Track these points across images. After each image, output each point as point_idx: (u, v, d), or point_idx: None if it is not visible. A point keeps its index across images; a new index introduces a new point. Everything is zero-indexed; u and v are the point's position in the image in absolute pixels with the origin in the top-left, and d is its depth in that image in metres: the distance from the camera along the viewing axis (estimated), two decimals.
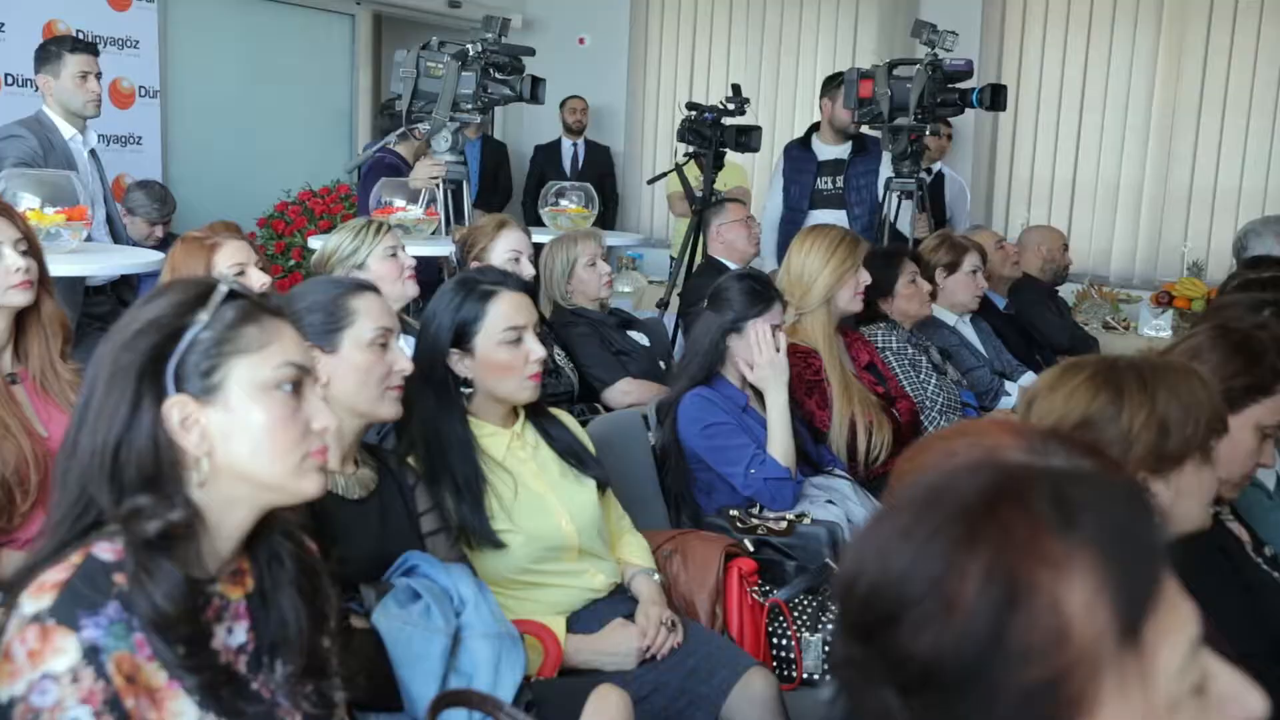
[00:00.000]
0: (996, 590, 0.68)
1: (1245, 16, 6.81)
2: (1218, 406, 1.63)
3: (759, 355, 3.05)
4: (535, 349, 2.37)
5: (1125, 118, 7.16)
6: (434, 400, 2.35)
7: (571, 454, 2.50)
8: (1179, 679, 0.72)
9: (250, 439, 1.32)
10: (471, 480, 2.32)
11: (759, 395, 3.11)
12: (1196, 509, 1.65)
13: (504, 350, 2.36)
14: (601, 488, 2.53)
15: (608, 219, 8.13)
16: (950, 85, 5.08)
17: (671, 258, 5.94)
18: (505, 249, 3.56)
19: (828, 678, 2.02)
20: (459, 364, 2.37)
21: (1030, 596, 0.68)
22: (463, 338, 2.37)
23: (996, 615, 0.68)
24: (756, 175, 7.76)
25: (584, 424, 2.88)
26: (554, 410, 2.61)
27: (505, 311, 2.36)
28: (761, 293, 3.13)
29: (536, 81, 4.81)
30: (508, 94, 4.76)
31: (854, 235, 3.62)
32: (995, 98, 5.06)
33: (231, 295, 1.35)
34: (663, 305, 5.36)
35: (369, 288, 2.17)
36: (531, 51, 4.86)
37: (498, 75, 4.76)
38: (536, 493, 2.39)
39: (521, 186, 8.23)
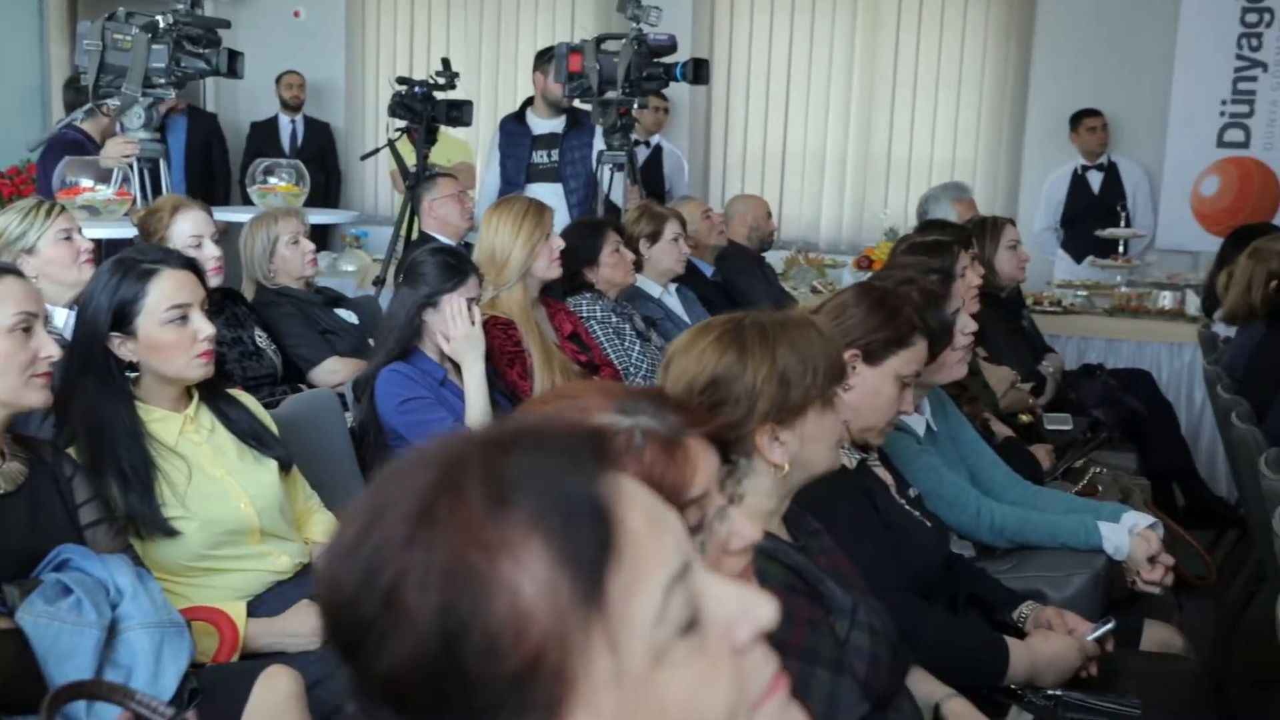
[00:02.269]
0: (445, 590, 0.65)
1: None
2: (835, 356, 1.74)
3: (454, 329, 3.06)
4: (203, 327, 2.30)
5: (828, 92, 7.56)
6: (94, 386, 2.25)
7: (251, 435, 2.45)
8: (658, 624, 0.68)
9: None
10: (139, 467, 2.23)
11: (458, 368, 3.13)
12: (824, 453, 1.76)
13: (169, 330, 2.28)
14: (285, 468, 2.48)
15: (330, 197, 7.95)
16: (655, 59, 5.20)
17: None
18: (185, 232, 3.43)
19: None
20: (121, 347, 2.27)
21: (483, 588, 0.65)
22: (124, 319, 2.27)
23: (450, 616, 0.65)
24: (482, 150, 7.74)
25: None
26: (232, 391, 2.54)
27: (167, 290, 2.28)
28: (455, 266, 3.13)
29: (234, 55, 4.64)
30: (203, 68, 4.58)
31: (538, 203, 3.66)
32: (698, 72, 5.22)
33: None
34: (379, 282, 5.29)
35: (9, 271, 2.05)
36: (227, 24, 4.69)
37: (191, 48, 4.57)
38: (212, 476, 2.33)
39: (240, 165, 7.91)
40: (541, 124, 5.74)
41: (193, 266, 2.36)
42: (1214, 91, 7.00)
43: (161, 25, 4.47)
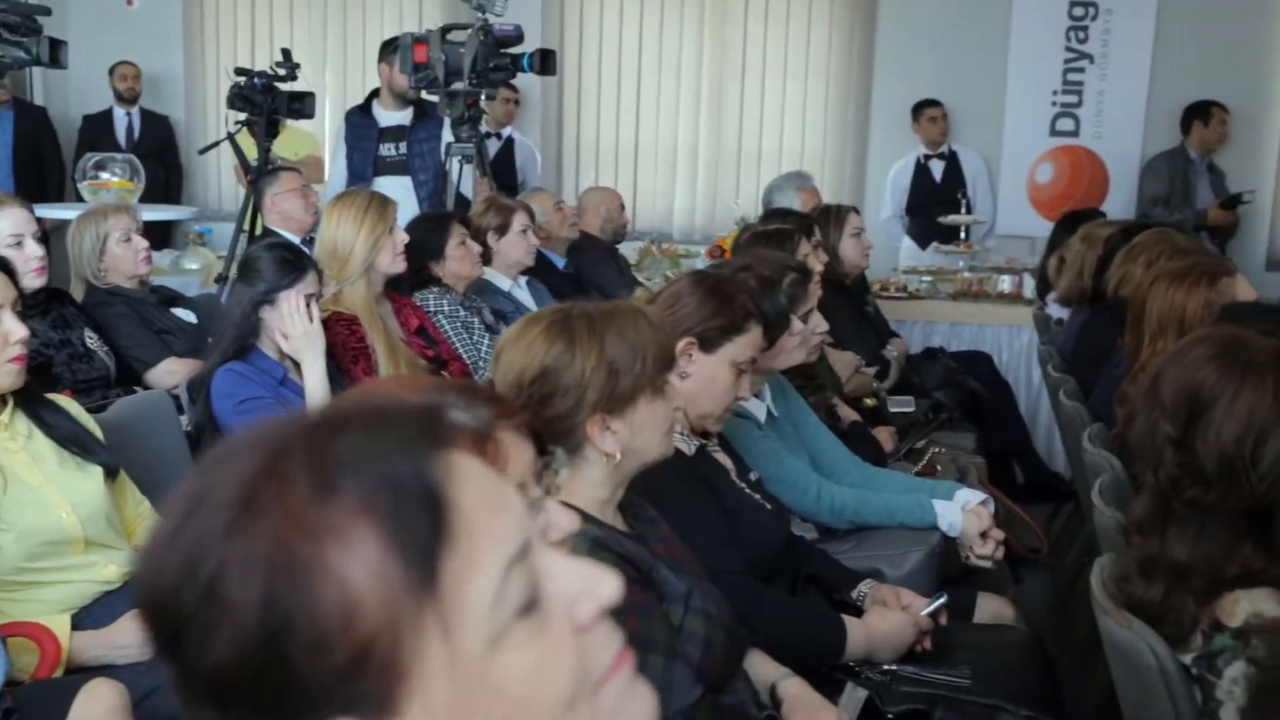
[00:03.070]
0: (268, 581, 0.63)
1: None
2: (664, 344, 1.75)
3: (292, 327, 2.99)
4: (15, 329, 2.19)
5: (679, 82, 7.62)
6: None
7: (72, 441, 2.34)
8: (495, 607, 0.66)
9: None
10: None
11: (299, 366, 3.06)
12: (656, 441, 1.77)
13: None
14: (111, 474, 2.39)
15: (171, 192, 7.69)
16: (502, 50, 5.15)
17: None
18: (4, 231, 3.27)
19: None
20: None
21: (308, 578, 0.63)
22: None
23: (274, 608, 0.62)
24: (329, 143, 7.58)
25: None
26: (52, 396, 2.43)
27: None
28: (293, 262, 3.06)
29: (57, 44, 4.44)
30: (23, 58, 4.38)
31: (381, 197, 3.60)
32: (545, 62, 5.19)
33: None
34: (222, 280, 5.13)
35: None
36: (47, 10, 4.47)
37: (10, 36, 4.35)
38: (30, 485, 2.23)
39: (73, 161, 7.59)
40: (388, 116, 5.65)
41: (3, 266, 2.25)
42: (1045, 82, 7.28)
43: None
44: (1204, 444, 1.67)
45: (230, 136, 5.30)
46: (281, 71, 5.22)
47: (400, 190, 5.39)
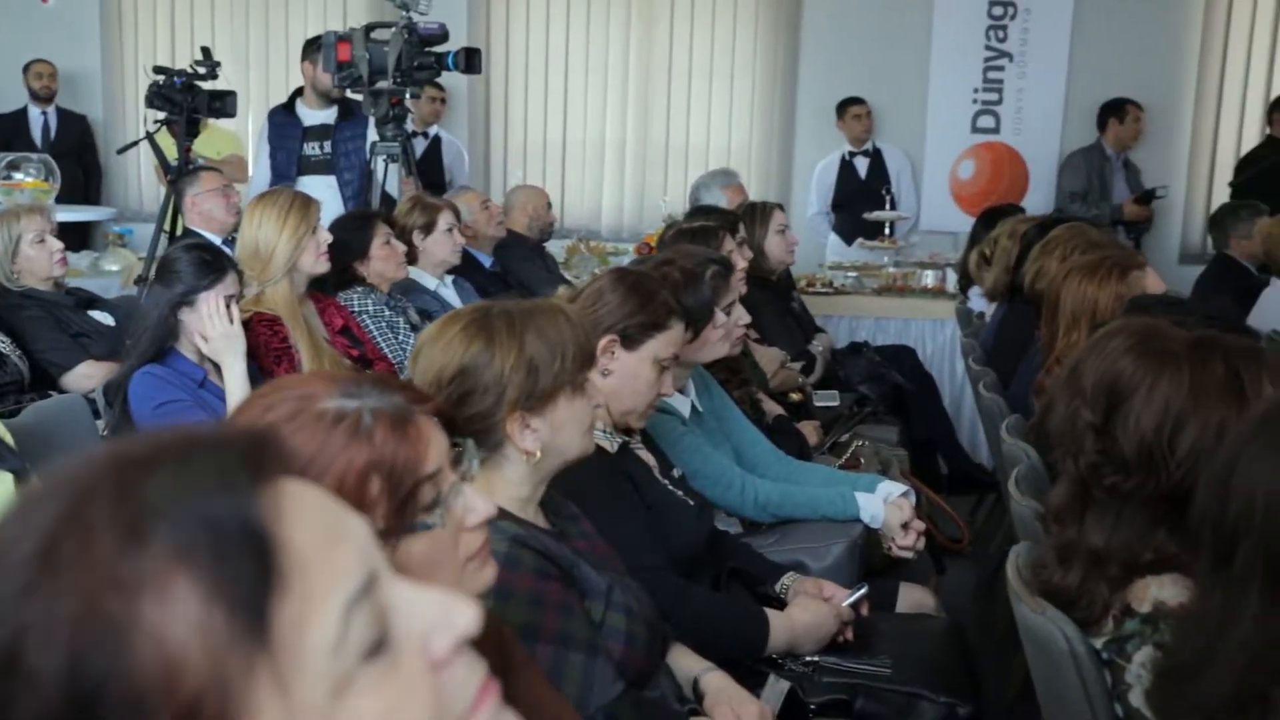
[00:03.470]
0: (74, 645, 0.56)
1: None
2: (584, 342, 1.76)
3: (211, 328, 2.95)
4: None
5: (606, 81, 7.64)
6: None
7: None
8: (337, 653, 0.61)
9: None
10: None
11: (220, 368, 3.02)
12: (576, 438, 1.77)
13: None
14: (22, 480, 2.34)
15: (90, 193, 7.54)
16: (427, 49, 5.13)
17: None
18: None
19: None
20: None
21: (120, 638, 0.56)
22: None
23: (82, 675, 0.56)
24: (252, 143, 7.48)
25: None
26: None
27: None
28: (212, 263, 3.02)
29: None
30: None
31: (304, 196, 3.57)
32: (470, 61, 5.17)
33: None
34: (142, 281, 5.04)
35: None
36: None
37: None
38: None
39: None
40: (312, 115, 5.59)
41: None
42: (966, 80, 7.40)
43: None
44: (1124, 432, 1.71)
45: (149, 136, 5.21)
46: (202, 70, 5.15)
47: (325, 190, 5.34)
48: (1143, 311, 2.26)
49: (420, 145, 6.45)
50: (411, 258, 4.20)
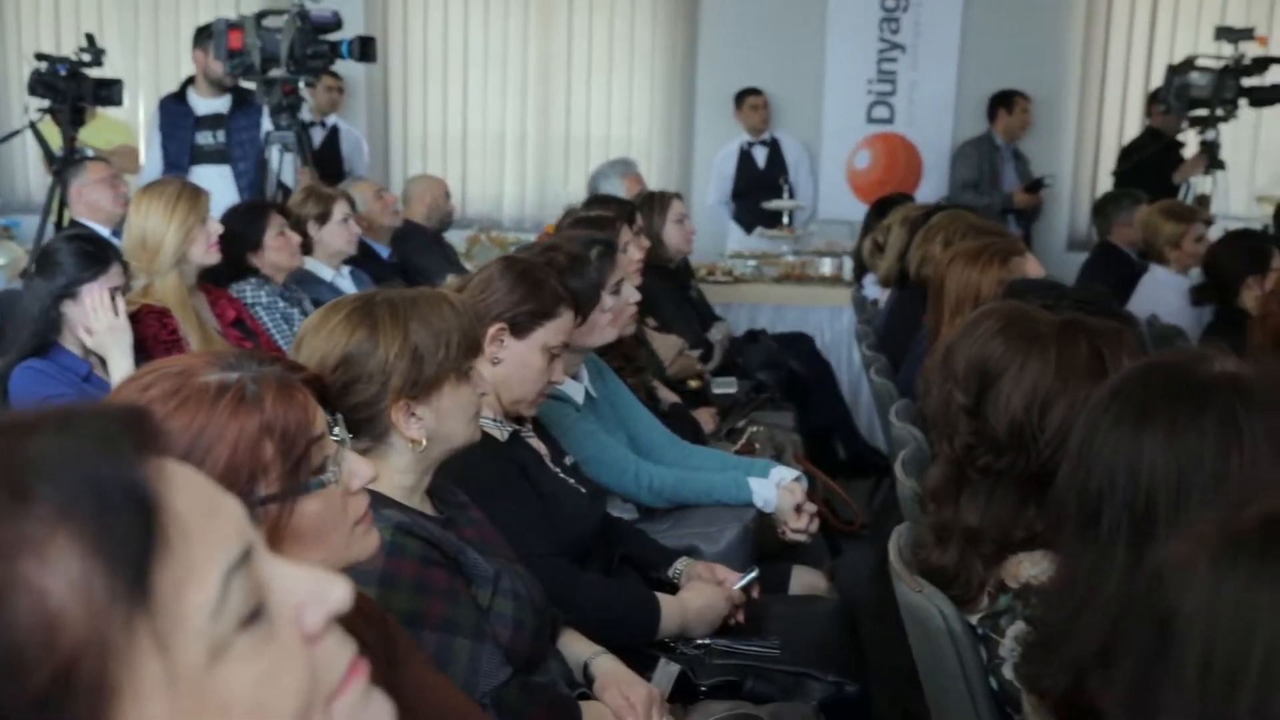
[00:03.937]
0: None
1: None
2: (469, 329, 1.76)
3: (96, 321, 2.90)
4: None
5: (505, 72, 7.63)
6: None
7: None
8: (216, 617, 0.62)
9: None
10: None
11: (105, 362, 2.96)
12: (462, 426, 1.78)
13: None
14: None
15: None
16: (320, 37, 5.06)
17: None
18: None
19: None
20: None
21: (3, 592, 0.57)
22: None
23: None
24: (144, 132, 7.30)
25: None
26: None
27: None
28: (95, 254, 2.96)
29: None
30: None
31: (192, 186, 3.51)
32: (365, 49, 5.12)
33: None
34: (28, 274, 4.90)
35: None
36: None
37: None
38: None
39: None
40: (205, 104, 5.48)
41: None
42: (861, 72, 7.52)
43: None
44: (995, 412, 1.77)
45: (32, 125, 5.07)
46: (86, 57, 5.01)
47: (220, 179, 5.25)
48: (1017, 295, 2.33)
49: (318, 135, 6.36)
50: (307, 248, 4.15)
